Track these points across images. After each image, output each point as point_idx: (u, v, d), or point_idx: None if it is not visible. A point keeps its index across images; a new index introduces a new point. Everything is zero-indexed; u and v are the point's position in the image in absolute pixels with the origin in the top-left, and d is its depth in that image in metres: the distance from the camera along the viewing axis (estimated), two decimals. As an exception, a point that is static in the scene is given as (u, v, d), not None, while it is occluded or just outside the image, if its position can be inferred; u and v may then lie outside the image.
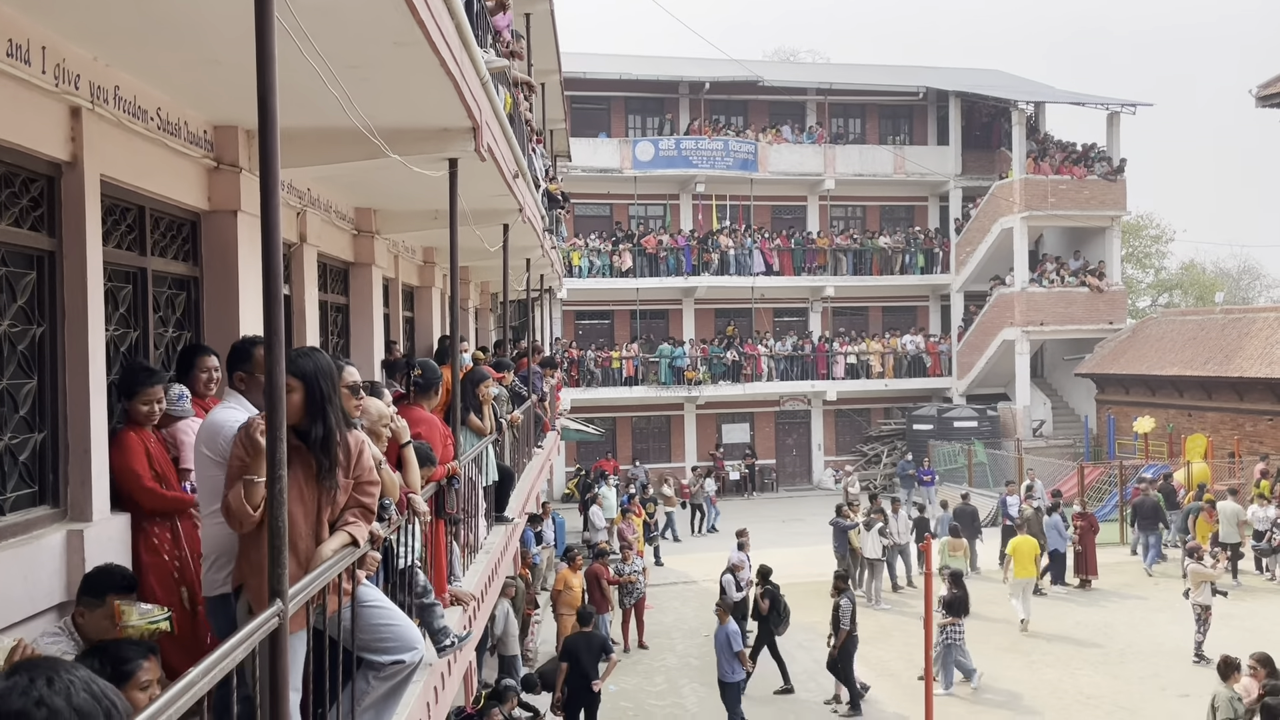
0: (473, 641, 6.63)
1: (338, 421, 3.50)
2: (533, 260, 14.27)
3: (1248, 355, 25.50)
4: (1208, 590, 14.15)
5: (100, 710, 1.79)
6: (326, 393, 3.47)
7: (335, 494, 3.52)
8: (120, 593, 3.50)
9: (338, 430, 3.50)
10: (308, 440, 3.42)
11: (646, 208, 32.90)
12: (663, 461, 32.24)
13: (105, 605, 3.46)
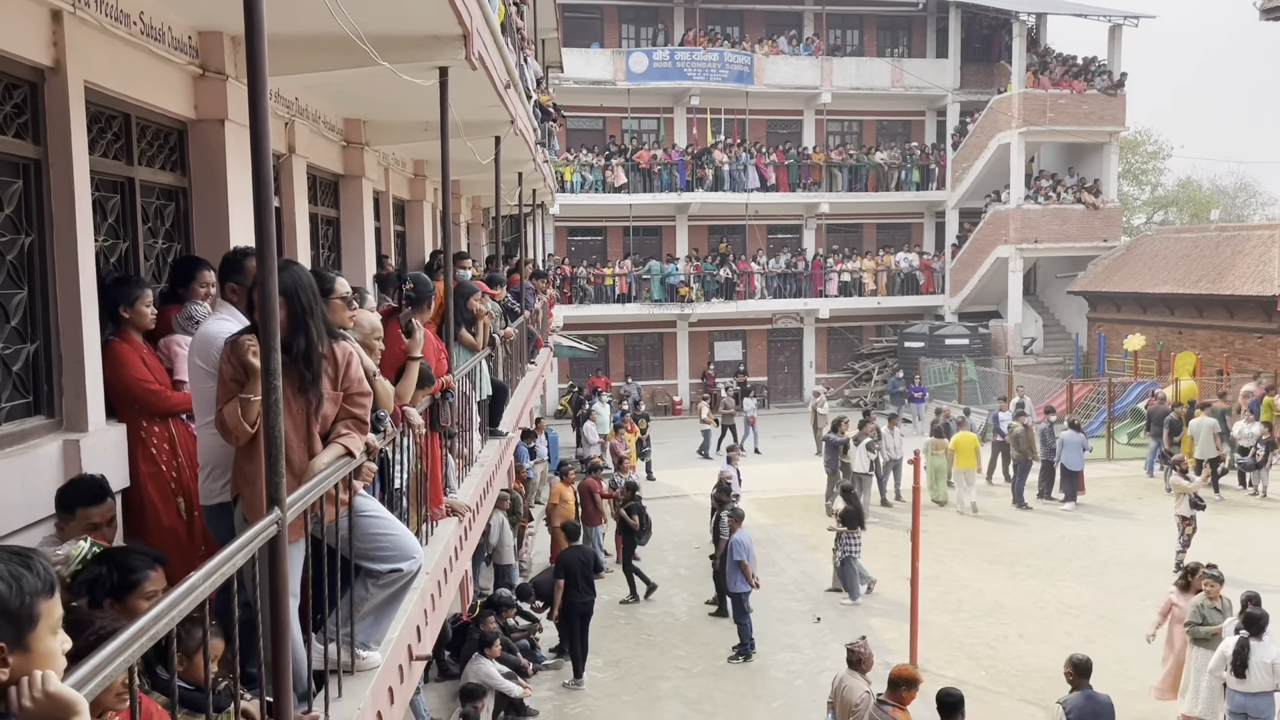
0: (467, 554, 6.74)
1: (319, 334, 3.50)
2: (525, 174, 14.11)
3: (1240, 273, 25.52)
4: (1186, 503, 14.43)
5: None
6: (307, 305, 3.46)
7: (321, 406, 3.52)
8: (87, 505, 3.54)
9: (320, 343, 3.49)
10: (290, 353, 3.41)
11: (640, 121, 32.40)
12: (655, 379, 32.40)
13: (76, 518, 3.51)
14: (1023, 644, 12.08)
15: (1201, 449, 18.65)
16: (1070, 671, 7.74)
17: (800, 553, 16.23)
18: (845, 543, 13.81)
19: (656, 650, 12.33)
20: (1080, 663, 7.70)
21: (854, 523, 13.81)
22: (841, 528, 13.84)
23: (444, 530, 5.74)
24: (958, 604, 13.57)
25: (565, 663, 11.67)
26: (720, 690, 11.07)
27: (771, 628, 12.73)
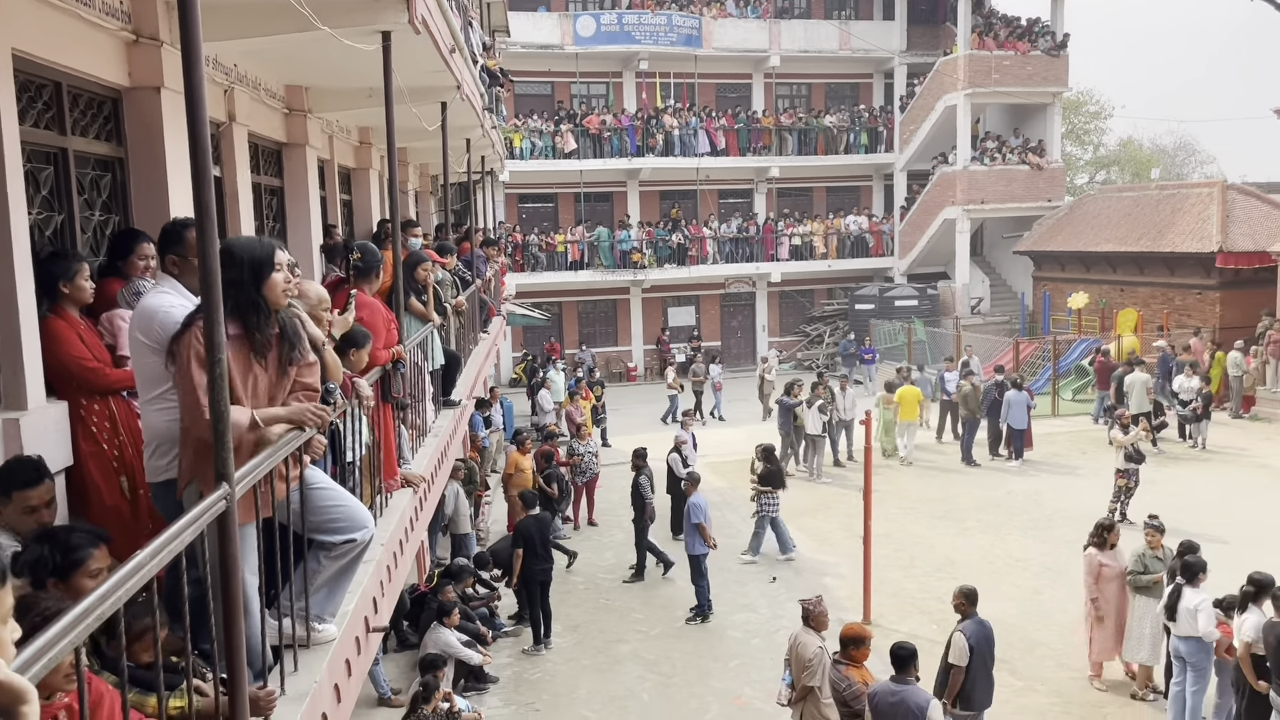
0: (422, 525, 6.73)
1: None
2: (473, 141, 13.92)
3: (1179, 230, 26.05)
4: (1122, 456, 14.85)
5: None
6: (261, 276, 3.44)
7: (290, 381, 3.54)
8: (24, 488, 3.46)
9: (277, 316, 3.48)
10: (262, 330, 3.41)
11: (589, 86, 32.11)
12: (609, 346, 32.39)
13: (13, 502, 3.43)
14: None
15: (1136, 403, 19.13)
16: (962, 601, 8.14)
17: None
18: (764, 502, 14.03)
19: (615, 614, 12.43)
20: (969, 593, 8.17)
21: (774, 483, 14.02)
22: (763, 488, 14.04)
23: (399, 501, 5.71)
24: (910, 560, 13.83)
25: (525, 629, 11.73)
26: (678, 651, 11.20)
27: (728, 589, 12.89)
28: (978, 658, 7.76)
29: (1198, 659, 8.45)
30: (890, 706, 6.43)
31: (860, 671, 7.12)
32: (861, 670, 7.16)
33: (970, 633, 7.88)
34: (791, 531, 15.35)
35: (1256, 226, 24.99)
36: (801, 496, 17.35)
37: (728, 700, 9.93)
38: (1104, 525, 9.88)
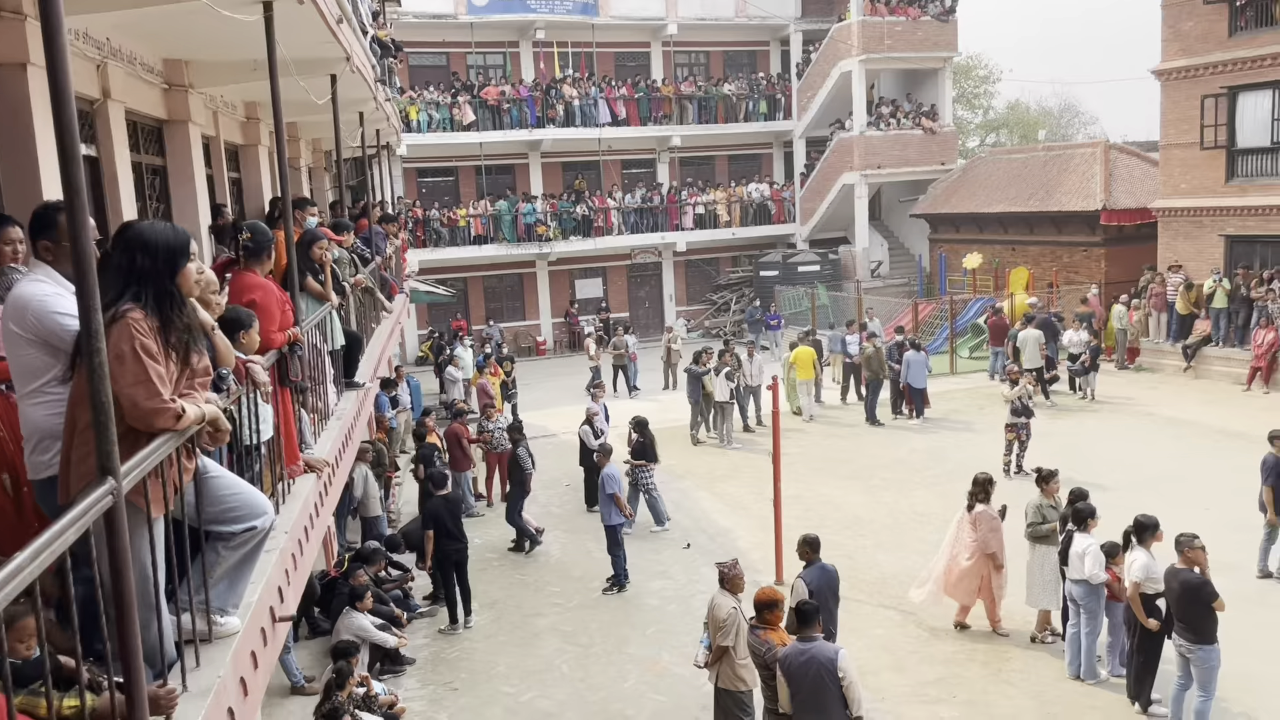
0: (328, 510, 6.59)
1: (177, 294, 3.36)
2: (366, 114, 13.56)
3: (1066, 190, 26.98)
4: (1009, 410, 15.44)
5: None
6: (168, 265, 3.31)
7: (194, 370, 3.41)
8: None
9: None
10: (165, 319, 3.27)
11: (485, 57, 31.58)
12: (517, 320, 32.14)
13: None
14: (879, 553, 12.70)
15: (1028, 359, 19.86)
16: (805, 549, 8.61)
17: (668, 481, 16.50)
18: (639, 476, 14.05)
19: (531, 589, 12.42)
20: (812, 541, 8.66)
21: (647, 457, 14.04)
22: (636, 461, 14.06)
23: (302, 487, 5.58)
24: (819, 520, 14.09)
25: (440, 609, 11.64)
26: (596, 622, 11.26)
27: (643, 557, 12.98)
28: (819, 600, 8.02)
29: (1089, 602, 8.85)
30: (802, 665, 6.57)
31: (777, 634, 7.24)
32: (778, 632, 7.29)
33: (811, 578, 8.33)
34: (705, 497, 15.58)
35: (1137, 185, 26.05)
36: (713, 463, 17.58)
37: (646, 666, 10.03)
38: (985, 480, 10.11)
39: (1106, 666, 9.11)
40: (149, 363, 3.13)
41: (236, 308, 4.77)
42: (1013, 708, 8.68)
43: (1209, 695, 7.79)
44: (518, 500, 13.78)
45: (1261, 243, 21.77)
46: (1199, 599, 7.72)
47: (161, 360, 3.21)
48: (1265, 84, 21.07)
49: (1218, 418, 18.20)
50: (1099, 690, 8.87)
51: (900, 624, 10.57)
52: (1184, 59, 22.73)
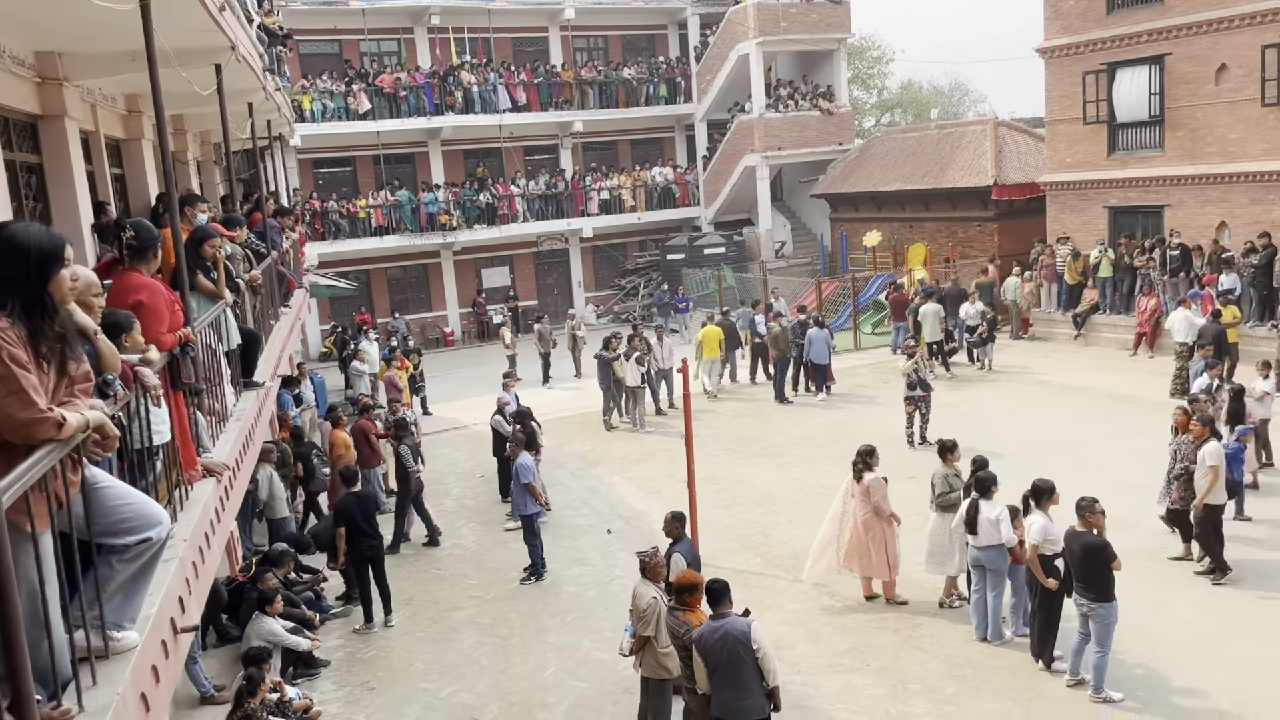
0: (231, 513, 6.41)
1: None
2: (256, 105, 13.11)
3: (959, 167, 27.75)
4: (905, 384, 15.88)
5: None
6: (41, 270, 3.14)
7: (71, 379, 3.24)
8: None
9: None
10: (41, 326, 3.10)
11: (379, 44, 30.93)
12: (423, 311, 31.68)
13: None
14: (792, 528, 12.91)
15: (929, 332, 20.43)
16: (675, 525, 8.97)
17: (583, 469, 16.55)
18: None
19: (447, 583, 12.29)
20: (679, 516, 9.10)
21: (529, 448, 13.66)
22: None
23: (201, 493, 5.40)
24: (732, 499, 14.31)
25: (355, 609, 11.43)
26: (514, 612, 11.20)
27: (561, 545, 12.96)
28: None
29: (997, 565, 9.16)
30: (717, 642, 6.65)
31: (696, 615, 7.29)
32: (697, 614, 7.34)
33: (685, 552, 8.73)
34: (620, 482, 15.61)
35: (1026, 160, 26.94)
36: (627, 448, 17.63)
37: (567, 654, 10.03)
38: (868, 451, 10.38)
39: (1011, 627, 9.44)
40: (20, 373, 2.97)
41: (114, 310, 4.57)
42: (924, 672, 8.94)
43: (1105, 650, 8.14)
44: (404, 499, 13.53)
45: (1142, 213, 22.74)
46: (1100, 560, 8.06)
47: (34, 369, 3.06)
48: (1142, 60, 21.97)
49: (1107, 382, 18.99)
50: (1005, 650, 9.20)
51: (814, 597, 10.77)
52: (1065, 37, 23.54)
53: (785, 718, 8.02)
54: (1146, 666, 8.66)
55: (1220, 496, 10.27)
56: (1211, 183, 21.03)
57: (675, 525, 9.03)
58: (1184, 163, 21.49)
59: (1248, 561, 10.51)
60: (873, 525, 10.19)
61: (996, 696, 8.41)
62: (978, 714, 8.17)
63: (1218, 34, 20.40)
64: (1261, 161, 20.02)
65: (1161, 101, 21.79)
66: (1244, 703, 7.91)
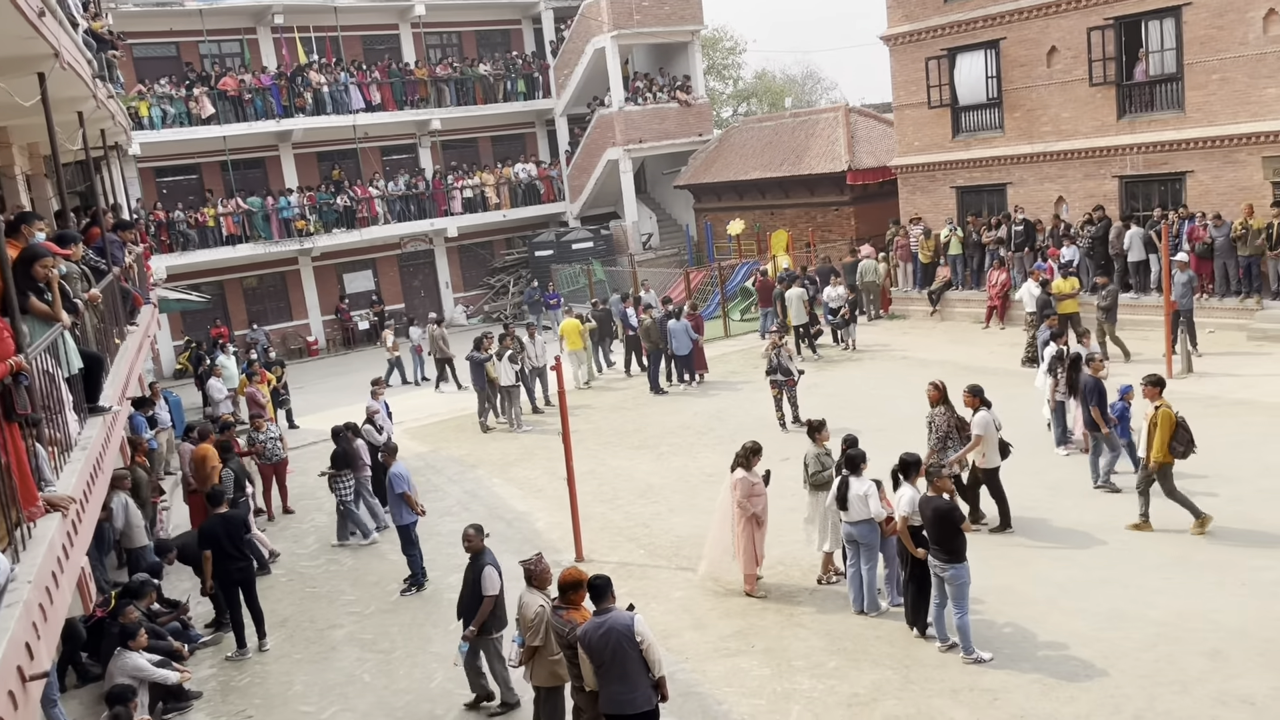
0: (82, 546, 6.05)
1: None
2: (87, 114, 12.37)
3: (815, 154, 28.50)
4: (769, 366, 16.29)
5: None
6: None
7: None
8: None
9: None
10: None
11: (220, 45, 29.67)
12: (283, 321, 30.62)
13: None
14: (673, 517, 13.03)
15: (795, 316, 20.94)
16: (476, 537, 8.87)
17: (461, 473, 16.31)
18: (337, 487, 13.43)
19: (324, 600, 11.91)
20: (478, 526, 9.01)
21: (343, 464, 13.46)
22: (333, 470, 13.47)
23: (45, 529, 5.07)
24: (613, 493, 14.33)
25: (226, 635, 10.96)
26: (396, 625, 10.95)
27: (441, 552, 12.72)
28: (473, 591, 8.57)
29: (869, 539, 9.44)
30: (601, 638, 6.64)
31: (581, 613, 7.26)
32: (582, 611, 7.30)
33: (494, 562, 8.71)
34: (499, 484, 15.44)
35: (877, 145, 27.87)
36: (504, 449, 17.46)
37: (452, 663, 9.84)
38: (750, 450, 10.27)
39: (886, 598, 9.76)
40: None
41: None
42: (806, 649, 9.15)
43: (964, 611, 8.50)
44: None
45: (987, 191, 23.84)
46: (949, 521, 8.42)
47: None
48: (979, 44, 23.00)
49: (963, 355, 19.84)
50: (882, 621, 9.50)
51: (698, 584, 10.88)
52: (907, 24, 24.42)
53: (674, 706, 8.12)
54: (1014, 624, 9.08)
55: (994, 460, 10.92)
56: (1048, 160, 22.20)
57: (476, 538, 8.76)
58: (1022, 142, 22.61)
59: (1100, 520, 11.14)
60: (740, 520, 10.20)
61: (876, 666, 8.68)
62: (859, 684, 8.41)
63: (1047, 18, 21.53)
64: (1092, 139, 21.26)
65: (999, 84, 22.87)
66: (1104, 654, 8.38)
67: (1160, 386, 10.75)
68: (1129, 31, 20.42)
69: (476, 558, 8.73)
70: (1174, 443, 10.34)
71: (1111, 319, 17.69)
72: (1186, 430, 10.42)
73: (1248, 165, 18.91)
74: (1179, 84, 19.82)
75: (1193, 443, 10.45)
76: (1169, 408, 10.41)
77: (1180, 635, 8.49)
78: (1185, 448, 10.39)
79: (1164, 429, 10.29)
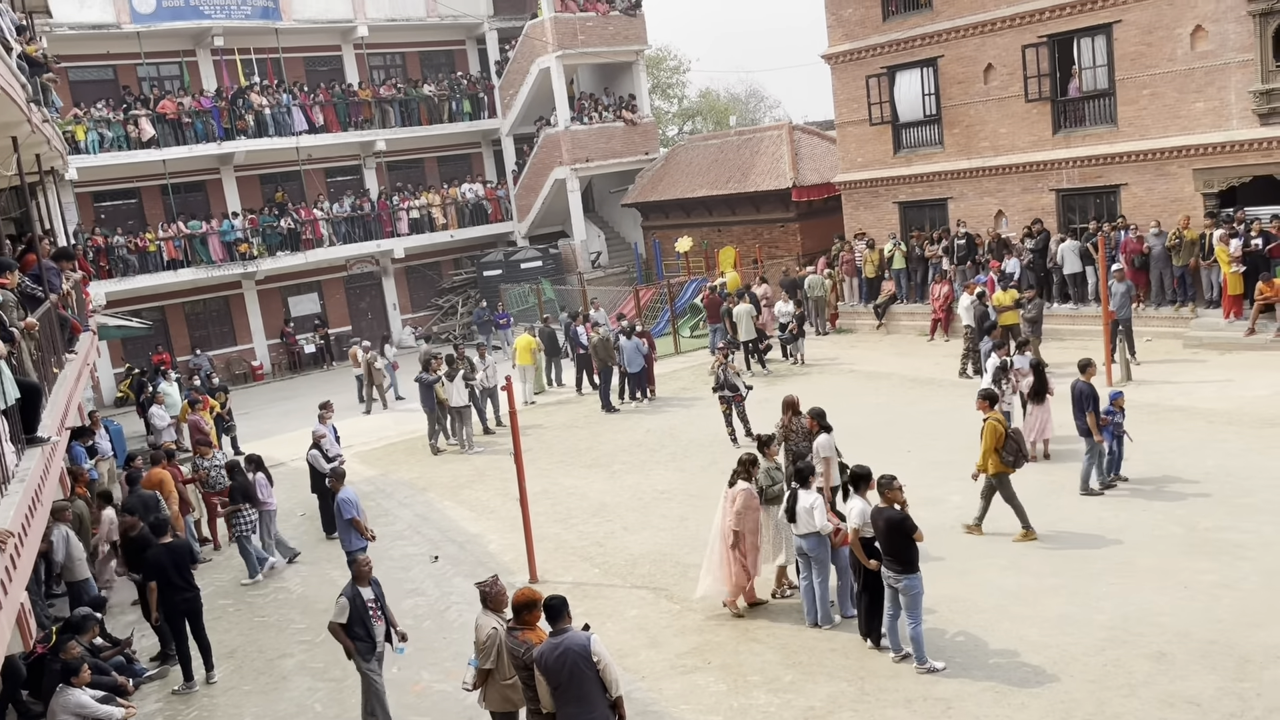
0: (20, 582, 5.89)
1: None
2: (21, 139, 12.13)
3: (760, 171, 28.80)
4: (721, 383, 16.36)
5: None
6: None
7: None
8: None
9: None
10: None
11: (159, 67, 29.23)
12: (227, 346, 30.14)
13: None
14: (627, 535, 13.01)
15: (744, 332, 21.10)
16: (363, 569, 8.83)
17: (411, 496, 16.15)
18: (236, 522, 13.12)
19: (274, 630, 11.69)
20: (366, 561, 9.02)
21: (240, 498, 13.15)
22: (232, 505, 13.16)
23: None
24: (567, 512, 14.27)
25: (172, 668, 10.70)
26: (348, 653, 10.76)
27: (393, 576, 12.53)
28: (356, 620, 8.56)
29: (818, 552, 9.50)
30: (557, 660, 6.59)
31: (536, 633, 7.19)
32: (537, 632, 7.24)
33: (349, 593, 8.58)
34: (451, 506, 15.30)
35: (820, 162, 28.25)
36: (456, 470, 17.32)
37: (406, 689, 9.73)
38: (749, 460, 10.22)
39: (839, 610, 9.82)
40: None
41: None
42: (762, 663, 9.18)
43: (917, 621, 8.59)
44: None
45: (929, 206, 24.26)
46: (901, 531, 8.51)
47: None
48: (917, 63, 23.45)
49: (909, 368, 20.12)
50: (836, 633, 9.56)
51: (653, 602, 10.88)
52: (847, 43, 24.83)
53: (632, 726, 8.08)
54: (965, 633, 9.19)
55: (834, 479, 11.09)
56: (987, 175, 22.67)
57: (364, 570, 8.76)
58: (961, 158, 23.07)
59: (1047, 528, 11.34)
60: (733, 534, 10.07)
61: (831, 679, 8.73)
62: (815, 697, 8.45)
63: (983, 36, 22.04)
64: (1028, 153, 21.76)
65: (938, 101, 23.33)
66: (1054, 660, 8.52)
67: (991, 400, 11.31)
68: (1062, 49, 20.98)
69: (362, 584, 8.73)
70: (1003, 453, 10.85)
71: (1037, 331, 18.02)
72: (1016, 441, 10.98)
73: (1179, 178, 19.48)
74: (1111, 99, 20.39)
75: (1022, 453, 11.05)
76: (997, 420, 10.96)
77: (1127, 639, 8.66)
78: (1015, 458, 10.91)
79: (988, 440, 10.83)
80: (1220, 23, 18.38)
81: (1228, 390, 15.41)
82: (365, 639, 8.62)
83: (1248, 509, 11.07)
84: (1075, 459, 12.96)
